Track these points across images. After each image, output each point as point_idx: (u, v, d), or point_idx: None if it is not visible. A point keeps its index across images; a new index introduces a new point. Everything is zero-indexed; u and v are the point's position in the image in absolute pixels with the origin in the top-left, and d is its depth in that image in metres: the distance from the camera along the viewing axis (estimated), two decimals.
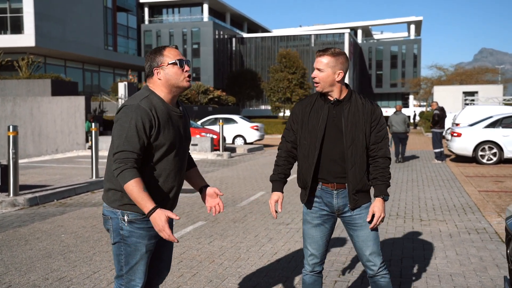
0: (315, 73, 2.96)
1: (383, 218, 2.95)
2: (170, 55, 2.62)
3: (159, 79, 2.61)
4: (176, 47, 2.70)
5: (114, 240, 2.62)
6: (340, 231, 6.14)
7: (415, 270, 4.59)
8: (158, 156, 2.57)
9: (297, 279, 4.36)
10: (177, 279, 4.37)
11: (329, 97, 2.99)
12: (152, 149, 2.55)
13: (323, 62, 2.91)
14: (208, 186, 2.91)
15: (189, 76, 2.67)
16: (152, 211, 2.43)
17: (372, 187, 3.01)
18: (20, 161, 17.21)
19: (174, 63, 2.61)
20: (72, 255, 5.14)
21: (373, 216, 2.94)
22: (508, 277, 2.57)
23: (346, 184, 2.96)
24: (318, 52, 2.98)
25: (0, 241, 5.77)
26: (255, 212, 7.36)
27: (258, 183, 10.54)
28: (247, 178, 11.51)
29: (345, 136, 2.91)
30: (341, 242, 5.60)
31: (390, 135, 15.43)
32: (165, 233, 2.43)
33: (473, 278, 4.32)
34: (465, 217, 6.95)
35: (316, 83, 2.96)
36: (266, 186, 10.06)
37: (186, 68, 2.65)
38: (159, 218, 2.43)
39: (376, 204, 2.93)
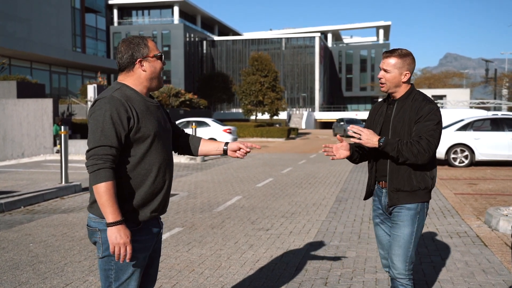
0: (382, 73, 2.96)
1: (363, 140, 2.83)
2: (153, 47, 2.47)
3: (144, 71, 2.43)
4: (154, 39, 2.53)
5: (103, 253, 2.37)
6: (322, 236, 6.00)
7: None
8: (144, 149, 2.37)
9: None
10: None
11: (392, 98, 3.02)
12: (135, 142, 2.35)
13: (391, 63, 2.91)
14: (228, 143, 2.80)
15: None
16: (117, 223, 2.24)
17: None
18: None
19: (159, 56, 2.47)
20: (42, 266, 4.83)
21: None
22: None
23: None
24: (385, 53, 2.97)
25: None
26: (233, 218, 7.16)
27: (233, 187, 10.33)
28: (222, 182, 11.29)
29: (392, 134, 2.92)
30: (324, 248, 5.46)
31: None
32: (123, 248, 2.24)
33: (462, 285, 4.23)
34: (444, 220, 6.92)
35: (382, 83, 2.97)
36: (242, 191, 9.86)
37: (164, 63, 2.53)
38: (124, 232, 2.25)
39: (373, 133, 2.86)
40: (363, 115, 66.08)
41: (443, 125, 16.67)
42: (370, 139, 2.83)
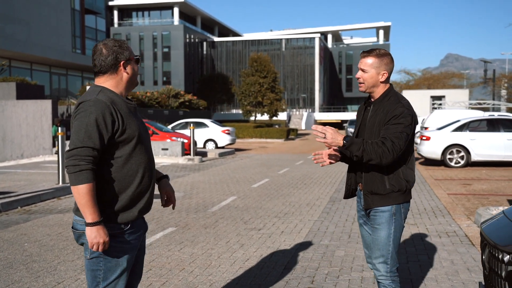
0: (359, 73, 2.98)
1: (328, 140, 2.79)
2: (131, 50, 2.54)
3: (126, 73, 2.49)
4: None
5: (91, 255, 2.42)
6: (312, 236, 6.08)
7: None
8: (129, 150, 2.42)
9: (270, 286, 4.26)
10: None
11: (372, 98, 3.04)
12: (121, 144, 2.39)
13: (368, 62, 2.93)
14: (166, 177, 2.82)
15: None
16: (96, 224, 2.30)
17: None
18: None
19: (137, 60, 2.55)
20: (35, 265, 4.92)
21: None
22: (483, 283, 2.55)
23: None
24: (363, 53, 2.98)
25: None
26: (226, 218, 7.25)
27: (229, 188, 10.42)
28: (218, 182, 11.38)
29: (366, 137, 2.95)
30: (313, 247, 5.54)
31: None
32: (101, 246, 2.32)
33: (445, 283, 4.32)
34: (435, 220, 7.00)
35: (360, 83, 3.00)
36: (237, 191, 9.95)
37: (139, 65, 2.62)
38: (103, 231, 2.32)
39: (338, 133, 2.83)
40: None
41: (440, 125, 16.76)
42: (334, 138, 2.80)
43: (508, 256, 2.15)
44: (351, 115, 65.61)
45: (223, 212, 7.68)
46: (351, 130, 25.23)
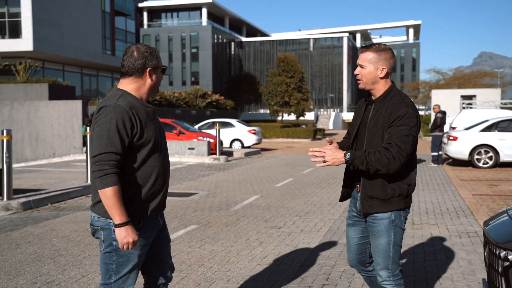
0: (358, 69, 2.88)
1: (329, 161, 2.70)
2: (160, 60, 2.64)
3: (151, 80, 2.59)
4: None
5: (105, 250, 2.57)
6: (331, 235, 6.14)
7: (404, 273, 4.58)
8: (145, 154, 2.53)
9: (285, 283, 4.36)
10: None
11: (372, 96, 2.92)
12: (138, 148, 2.50)
13: (366, 58, 2.83)
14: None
15: None
16: (124, 224, 2.42)
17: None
18: (17, 165, 17.22)
19: (164, 70, 2.66)
20: (62, 259, 5.14)
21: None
22: (487, 280, 2.59)
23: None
24: (361, 48, 2.89)
25: None
26: (248, 216, 7.37)
27: (253, 187, 10.54)
28: (242, 182, 11.51)
29: (367, 137, 2.84)
30: (331, 246, 5.61)
31: None
32: (131, 245, 2.45)
33: (461, 281, 4.33)
34: (457, 220, 6.96)
35: (359, 79, 2.90)
36: (260, 190, 10.06)
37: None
38: (131, 231, 2.45)
39: (337, 150, 2.74)
40: None
41: (469, 125, 16.50)
42: (335, 157, 2.70)
43: (505, 252, 2.20)
44: None
45: (245, 211, 7.80)
46: None
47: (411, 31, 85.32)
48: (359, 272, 3.21)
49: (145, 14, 65.41)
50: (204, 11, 64.16)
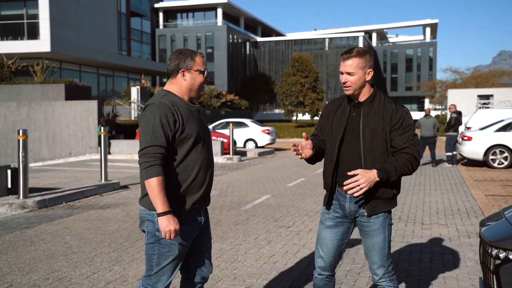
0: (345, 77, 2.84)
1: (365, 186, 2.66)
2: (199, 63, 2.75)
3: (184, 80, 2.73)
4: (203, 56, 2.82)
5: (148, 240, 2.70)
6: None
7: (409, 273, 4.61)
8: (187, 148, 2.66)
9: (291, 281, 4.42)
10: (173, 280, 4.45)
11: (355, 99, 2.91)
12: (180, 142, 2.64)
13: (353, 64, 2.82)
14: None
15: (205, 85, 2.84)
16: (166, 213, 2.54)
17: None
18: (34, 164, 17.54)
19: (202, 72, 2.76)
20: (74, 256, 5.27)
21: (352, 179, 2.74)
22: (483, 278, 2.62)
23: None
24: (344, 54, 2.86)
25: (7, 242, 5.93)
26: (257, 215, 7.43)
27: (264, 187, 10.61)
28: (255, 181, 11.58)
29: (363, 140, 2.83)
30: (349, 243, 5.63)
31: None
32: (173, 234, 2.54)
33: (466, 281, 4.34)
34: (467, 221, 6.94)
35: (347, 87, 2.85)
36: (272, 190, 10.12)
37: (207, 78, 2.83)
38: (173, 220, 2.55)
39: (367, 172, 2.69)
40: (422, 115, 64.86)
41: (484, 125, 16.34)
42: (370, 180, 2.68)
43: (496, 250, 2.22)
44: None
45: (256, 210, 7.87)
46: None
47: (428, 30, 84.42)
48: (319, 278, 3.08)
49: (160, 14, 65.84)
50: (220, 11, 64.36)
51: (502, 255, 2.18)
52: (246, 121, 23.41)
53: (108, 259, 5.14)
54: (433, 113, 56.64)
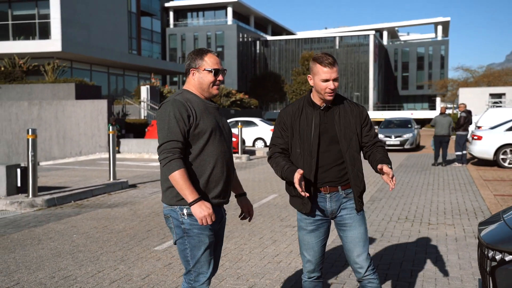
0: (333, 84, 2.87)
1: (395, 182, 2.82)
2: (209, 62, 2.78)
3: (194, 79, 2.80)
4: (218, 55, 2.83)
5: (177, 236, 2.73)
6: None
7: (413, 273, 4.60)
8: (202, 143, 2.70)
9: (294, 281, 4.42)
10: (177, 279, 4.49)
11: (319, 103, 2.97)
12: (195, 137, 2.68)
13: (337, 70, 2.91)
14: (245, 195, 3.13)
15: (218, 84, 2.82)
16: (197, 200, 2.57)
17: (374, 162, 2.98)
18: (45, 163, 17.71)
19: (210, 71, 2.77)
20: (80, 255, 5.32)
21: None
22: (481, 280, 2.60)
23: (339, 187, 2.96)
24: (327, 63, 2.87)
25: (15, 240, 6.00)
26: (264, 215, 7.44)
27: (272, 186, 10.61)
28: (262, 181, 11.59)
29: (341, 141, 2.93)
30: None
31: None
32: (208, 218, 2.56)
33: (470, 282, 4.31)
34: (475, 221, 6.89)
35: (332, 93, 2.90)
36: (279, 189, 10.13)
37: (220, 77, 2.81)
38: (205, 205, 2.57)
39: (387, 168, 2.80)
40: (419, 114, 64.46)
41: (494, 124, 16.19)
42: (392, 175, 2.81)
43: (492, 252, 2.21)
44: (406, 114, 64.07)
45: (262, 209, 7.88)
46: (383, 135, 20.85)
47: (439, 28, 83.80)
48: (309, 281, 3.12)
49: (171, 13, 66.09)
50: (230, 10, 64.45)
51: (498, 257, 2.17)
52: (255, 120, 23.41)
53: (113, 258, 5.18)
54: (446, 112, 56.20)
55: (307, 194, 2.74)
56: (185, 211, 2.68)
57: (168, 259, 5.12)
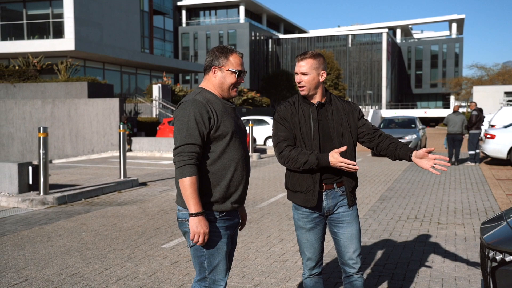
0: (300, 77, 2.96)
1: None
2: (233, 62, 2.68)
3: (214, 78, 2.69)
4: (242, 56, 2.75)
5: (192, 242, 2.60)
6: None
7: (420, 273, 4.56)
8: (223, 146, 2.61)
9: (299, 280, 4.41)
10: (182, 277, 4.51)
11: (312, 100, 3.02)
12: (215, 140, 2.59)
13: (307, 65, 2.94)
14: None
15: (238, 86, 2.76)
16: (198, 214, 2.49)
17: (396, 151, 3.02)
18: (58, 161, 17.90)
19: (233, 72, 2.68)
20: (88, 252, 5.36)
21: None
22: (483, 281, 2.57)
23: (334, 184, 2.98)
24: (298, 56, 3.00)
25: (25, 237, 6.07)
26: (272, 213, 7.44)
27: (281, 185, 10.60)
28: (272, 179, 11.58)
29: (334, 138, 2.98)
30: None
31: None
32: (201, 237, 2.50)
33: (478, 283, 4.26)
34: None
35: (302, 87, 2.97)
36: None
37: (241, 80, 2.74)
38: (204, 223, 2.50)
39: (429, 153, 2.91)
40: (433, 113, 63.89)
41: (507, 123, 15.98)
42: None
43: (493, 252, 2.18)
44: (419, 112, 63.55)
45: (271, 208, 7.88)
46: (412, 138, 17.74)
47: (454, 25, 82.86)
48: (310, 277, 3.16)
49: (183, 12, 66.27)
50: (242, 8, 64.42)
51: (498, 257, 2.14)
52: (267, 118, 23.39)
53: (121, 256, 5.22)
54: (459, 110, 55.60)
55: (357, 168, 2.84)
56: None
57: (174, 257, 5.14)
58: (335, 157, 2.83)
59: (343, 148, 2.84)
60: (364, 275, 4.49)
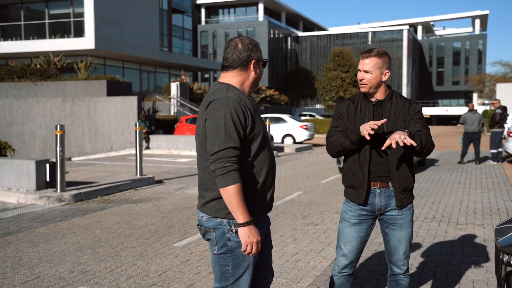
0: (362, 75, 2.95)
1: (400, 143, 2.68)
2: (262, 53, 2.53)
3: (254, 73, 2.47)
4: None
5: (219, 251, 2.43)
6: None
7: (436, 275, 4.44)
8: (256, 147, 2.39)
9: (311, 280, 4.33)
10: (193, 276, 4.46)
11: (372, 98, 3.01)
12: (249, 141, 2.37)
13: (371, 63, 2.92)
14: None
15: None
16: (248, 223, 2.29)
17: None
18: (77, 158, 18.08)
19: (265, 63, 2.52)
20: (101, 250, 5.36)
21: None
22: (498, 285, 2.46)
23: (390, 183, 2.94)
24: (363, 53, 2.96)
25: (40, 234, 6.11)
26: (287, 212, 7.36)
27: (297, 183, 10.51)
28: (288, 177, 11.50)
29: (388, 136, 2.90)
30: (367, 244, 5.49)
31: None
32: (255, 246, 2.31)
33: (495, 286, 4.12)
34: None
35: (363, 84, 2.96)
36: (305, 186, 10.01)
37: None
38: (255, 231, 2.31)
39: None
40: (455, 110, 62.89)
41: None
42: (401, 136, 2.75)
43: (507, 257, 2.07)
44: (441, 110, 62.63)
45: (285, 207, 7.80)
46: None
47: (477, 21, 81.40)
48: (339, 276, 3.08)
49: (202, 10, 66.45)
50: (261, 6, 64.31)
51: None
52: (284, 116, 23.29)
53: (133, 254, 5.20)
54: (482, 108, 54.63)
55: (378, 124, 2.72)
56: (233, 227, 2.37)
57: (186, 256, 5.10)
58: (363, 127, 2.78)
59: (383, 121, 2.76)
60: (378, 277, 4.39)
